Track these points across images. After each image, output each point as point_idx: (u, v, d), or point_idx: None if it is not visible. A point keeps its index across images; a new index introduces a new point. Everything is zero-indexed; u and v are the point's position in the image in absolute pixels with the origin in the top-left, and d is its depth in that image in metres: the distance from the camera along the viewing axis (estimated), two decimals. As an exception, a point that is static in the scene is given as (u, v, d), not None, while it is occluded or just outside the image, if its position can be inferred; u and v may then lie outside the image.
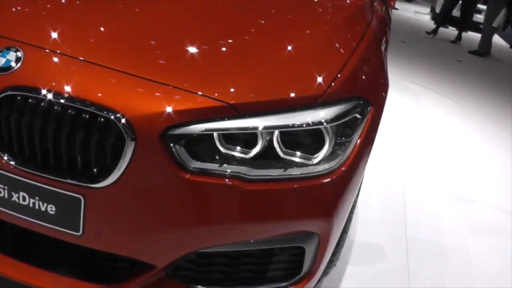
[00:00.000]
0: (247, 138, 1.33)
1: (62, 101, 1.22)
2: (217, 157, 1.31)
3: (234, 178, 1.30)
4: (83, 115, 1.22)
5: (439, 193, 3.27)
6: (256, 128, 1.30)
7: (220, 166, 1.30)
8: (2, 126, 1.27)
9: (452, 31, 11.51)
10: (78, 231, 1.31)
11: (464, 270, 2.47)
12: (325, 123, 1.36)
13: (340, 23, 1.93)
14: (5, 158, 1.28)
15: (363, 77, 1.66)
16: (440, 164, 3.79)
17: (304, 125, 1.35)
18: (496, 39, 13.01)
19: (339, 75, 1.49)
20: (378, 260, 2.36)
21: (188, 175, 1.27)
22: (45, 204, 1.30)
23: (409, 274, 2.31)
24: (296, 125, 1.34)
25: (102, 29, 1.48)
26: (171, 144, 1.24)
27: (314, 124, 1.35)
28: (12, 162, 1.28)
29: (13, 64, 1.27)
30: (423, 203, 3.06)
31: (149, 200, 1.28)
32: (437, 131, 4.57)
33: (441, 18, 10.81)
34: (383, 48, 2.18)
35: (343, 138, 1.43)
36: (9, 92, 1.24)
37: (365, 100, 1.53)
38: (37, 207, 1.31)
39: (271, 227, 1.39)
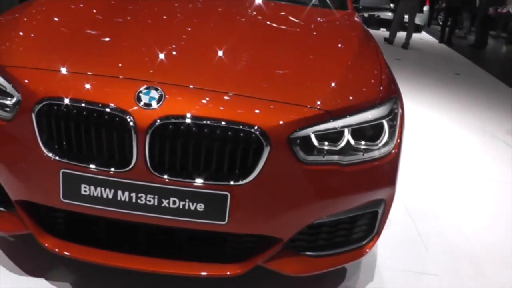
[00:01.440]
0: (333, 134, 1.78)
1: (208, 122, 1.63)
2: (315, 151, 1.75)
3: (334, 164, 1.75)
4: (228, 132, 1.62)
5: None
6: (344, 127, 1.77)
7: (323, 157, 1.74)
8: (156, 149, 1.64)
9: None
10: (224, 221, 1.70)
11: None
12: (383, 118, 1.85)
13: (359, 41, 2.42)
14: (156, 173, 1.65)
15: (388, 80, 2.17)
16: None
17: (372, 121, 1.84)
18: (425, 36, 14.28)
19: (382, 82, 2.00)
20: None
21: (305, 166, 1.71)
22: (194, 204, 1.68)
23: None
24: (367, 122, 1.82)
25: (206, 61, 1.93)
26: (293, 145, 1.68)
27: (376, 119, 1.85)
28: (165, 176, 1.65)
29: (155, 101, 1.65)
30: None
31: (279, 188, 1.70)
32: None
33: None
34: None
35: (391, 128, 1.92)
36: (161, 122, 1.62)
37: (395, 98, 2.03)
38: (187, 207, 1.68)
39: (359, 198, 1.85)
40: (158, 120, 1.62)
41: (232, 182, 1.66)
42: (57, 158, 1.69)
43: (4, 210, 1.94)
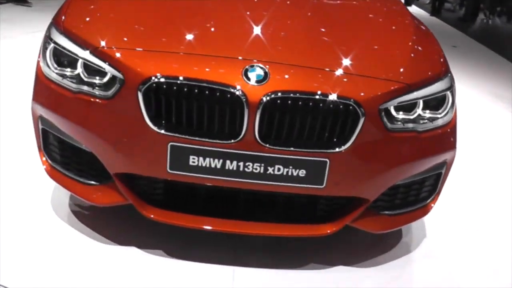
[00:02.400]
0: (408, 105, 1.98)
1: (312, 96, 1.79)
2: (395, 121, 1.94)
3: (412, 131, 1.95)
4: (330, 105, 1.79)
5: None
6: (418, 98, 1.97)
7: (403, 125, 1.94)
8: (264, 122, 1.79)
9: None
10: (322, 185, 1.88)
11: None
12: (447, 90, 2.07)
13: (413, 22, 2.53)
14: (263, 144, 1.80)
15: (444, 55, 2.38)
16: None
17: (439, 92, 2.05)
18: (415, 9, 14.43)
19: (443, 57, 2.21)
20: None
21: (391, 134, 1.90)
22: (297, 170, 1.84)
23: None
24: (436, 93, 2.03)
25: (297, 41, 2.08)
26: (381, 115, 1.86)
27: (443, 90, 2.06)
28: (271, 146, 1.81)
29: (261, 78, 1.80)
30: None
31: (370, 154, 1.89)
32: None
33: None
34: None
35: (452, 98, 2.14)
36: (270, 97, 1.76)
37: (451, 72, 2.24)
38: (290, 174, 1.85)
39: (430, 161, 2.06)
40: (268, 95, 1.77)
41: (331, 150, 1.83)
42: (165, 132, 1.81)
43: (97, 183, 2.05)
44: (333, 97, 1.80)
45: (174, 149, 1.83)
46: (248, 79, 1.79)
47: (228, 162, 1.83)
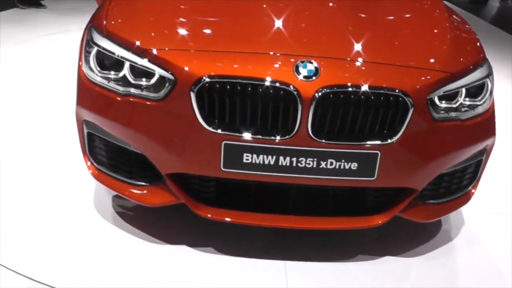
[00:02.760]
0: (451, 94, 2.01)
1: (364, 90, 1.82)
2: (440, 110, 1.97)
3: (456, 120, 1.99)
4: (381, 97, 1.82)
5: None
6: (461, 87, 2.00)
7: (448, 114, 1.97)
8: (317, 116, 1.81)
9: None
10: (373, 177, 1.91)
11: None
12: (487, 77, 2.10)
13: (447, 11, 2.53)
14: (316, 138, 1.83)
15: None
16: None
17: (480, 80, 2.08)
18: None
19: (479, 46, 2.25)
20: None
21: (437, 123, 1.93)
22: (349, 163, 1.87)
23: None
24: (477, 81, 2.07)
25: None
26: (429, 105, 1.89)
27: (483, 78, 2.09)
28: (324, 140, 1.83)
29: (313, 73, 1.82)
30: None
31: (419, 144, 1.92)
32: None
33: None
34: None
35: (491, 85, 2.17)
36: (324, 91, 1.79)
37: (488, 59, 2.27)
38: (342, 167, 1.88)
39: (472, 148, 2.09)
40: (321, 90, 1.79)
41: (382, 142, 1.86)
42: (219, 131, 1.83)
43: (147, 184, 2.07)
44: (383, 89, 1.83)
45: (228, 147, 1.85)
46: (300, 74, 1.82)
47: (281, 158, 1.86)
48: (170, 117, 1.89)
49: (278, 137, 1.83)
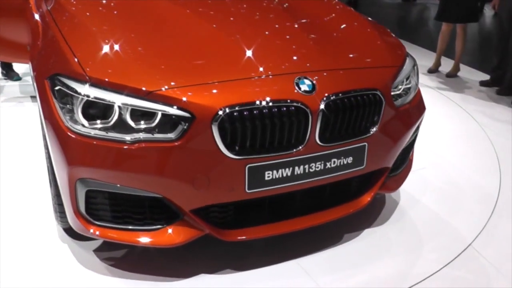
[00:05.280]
0: (400, 84, 2.45)
1: (356, 93, 2.13)
2: (396, 98, 2.39)
3: (406, 104, 2.43)
4: (367, 97, 2.15)
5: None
6: (404, 76, 2.45)
7: (400, 100, 2.40)
8: (321, 123, 2.04)
9: None
10: (363, 165, 2.24)
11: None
12: (414, 67, 2.57)
13: (360, 16, 2.93)
14: (322, 144, 2.08)
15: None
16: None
17: (412, 67, 2.53)
18: None
19: (399, 42, 2.73)
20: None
21: (398, 109, 2.35)
22: (347, 159, 2.18)
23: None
24: (411, 69, 2.51)
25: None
26: (391, 97, 2.30)
27: (413, 66, 2.54)
28: (328, 144, 2.09)
29: (311, 87, 2.06)
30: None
31: (390, 129, 2.31)
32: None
33: None
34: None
35: (417, 74, 2.66)
36: (327, 101, 2.04)
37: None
38: (342, 163, 2.17)
39: (418, 122, 2.51)
40: (323, 100, 2.04)
41: (367, 134, 2.20)
42: (242, 157, 1.95)
43: (164, 225, 2.07)
44: (367, 90, 2.17)
45: (251, 170, 1.98)
46: (301, 90, 2.03)
47: (296, 168, 2.06)
48: (191, 153, 1.93)
49: (292, 150, 2.03)
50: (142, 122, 1.93)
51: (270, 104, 1.96)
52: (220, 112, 1.90)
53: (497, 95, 5.05)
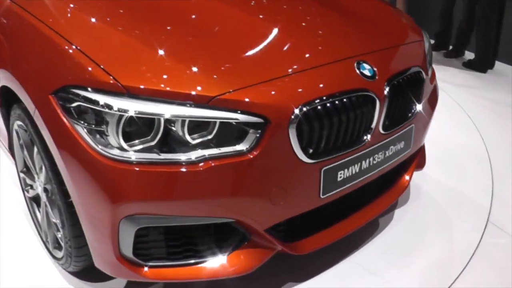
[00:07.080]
0: None
1: (411, 72, 2.01)
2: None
3: (432, 78, 2.35)
4: (413, 75, 2.03)
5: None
6: (427, 49, 2.36)
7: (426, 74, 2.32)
8: (382, 114, 1.87)
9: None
10: (409, 148, 2.12)
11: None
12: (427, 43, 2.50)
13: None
14: (384, 132, 1.91)
15: None
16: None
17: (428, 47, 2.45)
18: None
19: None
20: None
21: (432, 84, 2.28)
22: (399, 144, 2.04)
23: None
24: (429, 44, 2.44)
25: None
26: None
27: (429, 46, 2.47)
28: (387, 131, 1.93)
29: (372, 71, 1.86)
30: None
31: (427, 106, 2.22)
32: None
33: None
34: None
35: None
36: (392, 83, 1.88)
37: None
38: (396, 149, 2.03)
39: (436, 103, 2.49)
40: (387, 84, 1.86)
41: (414, 115, 2.08)
42: (317, 160, 1.72)
43: (229, 252, 1.76)
44: (415, 67, 2.05)
45: (326, 173, 1.75)
46: (365, 76, 1.83)
47: (363, 162, 1.88)
48: (267, 165, 1.63)
49: (362, 144, 1.83)
50: (196, 135, 1.58)
51: (342, 96, 1.74)
52: (297, 111, 1.63)
53: (446, 58, 5.12)
